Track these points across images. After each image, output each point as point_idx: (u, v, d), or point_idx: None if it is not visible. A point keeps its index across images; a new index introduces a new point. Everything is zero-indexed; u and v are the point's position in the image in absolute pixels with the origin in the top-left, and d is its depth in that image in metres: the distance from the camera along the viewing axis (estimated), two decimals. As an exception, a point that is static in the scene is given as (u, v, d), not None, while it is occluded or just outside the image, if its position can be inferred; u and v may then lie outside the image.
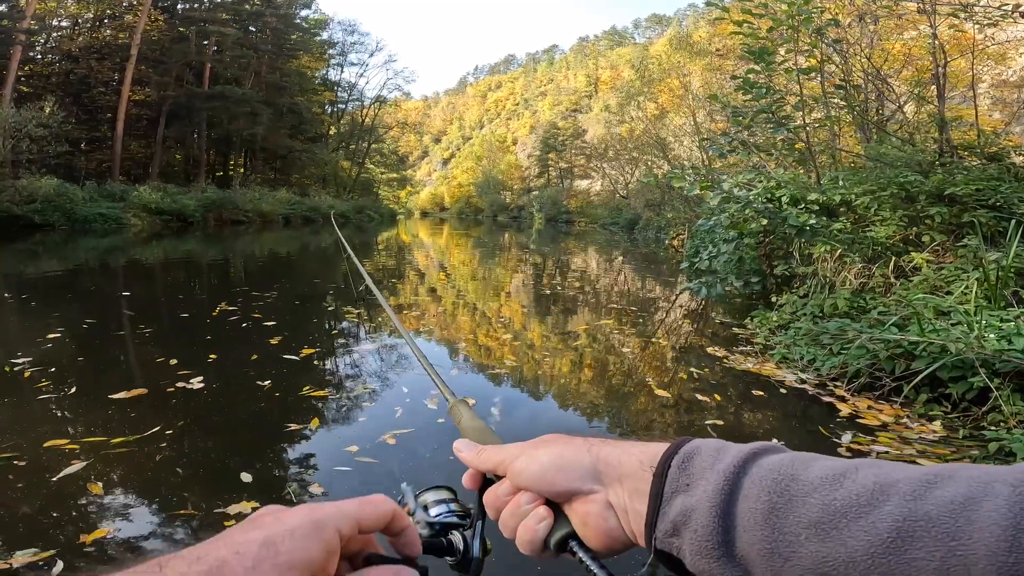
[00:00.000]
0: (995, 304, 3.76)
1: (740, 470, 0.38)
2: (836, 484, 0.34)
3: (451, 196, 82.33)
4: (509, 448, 0.48)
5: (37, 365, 3.78)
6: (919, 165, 5.55)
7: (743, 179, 5.73)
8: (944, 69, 5.85)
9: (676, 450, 0.41)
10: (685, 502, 0.39)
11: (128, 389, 3.34)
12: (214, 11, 32.51)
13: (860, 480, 0.33)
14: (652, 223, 23.19)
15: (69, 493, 2.24)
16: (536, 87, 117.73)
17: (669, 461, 0.41)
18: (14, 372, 3.64)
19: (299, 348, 4.45)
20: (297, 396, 3.46)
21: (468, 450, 0.51)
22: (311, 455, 2.73)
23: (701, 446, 0.41)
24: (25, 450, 2.55)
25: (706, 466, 0.39)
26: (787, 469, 0.36)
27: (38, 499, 2.20)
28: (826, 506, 0.33)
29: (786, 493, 0.35)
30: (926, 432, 2.96)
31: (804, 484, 0.35)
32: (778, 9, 5.36)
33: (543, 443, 0.47)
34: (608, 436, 1.89)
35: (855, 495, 0.33)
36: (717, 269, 5.97)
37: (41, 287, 7.55)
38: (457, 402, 0.60)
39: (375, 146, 48.20)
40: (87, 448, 2.59)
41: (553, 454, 0.45)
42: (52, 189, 18.33)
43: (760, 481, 0.36)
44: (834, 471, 0.35)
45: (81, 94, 26.81)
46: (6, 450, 2.54)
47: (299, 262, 12.98)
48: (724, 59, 15.95)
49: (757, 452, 0.39)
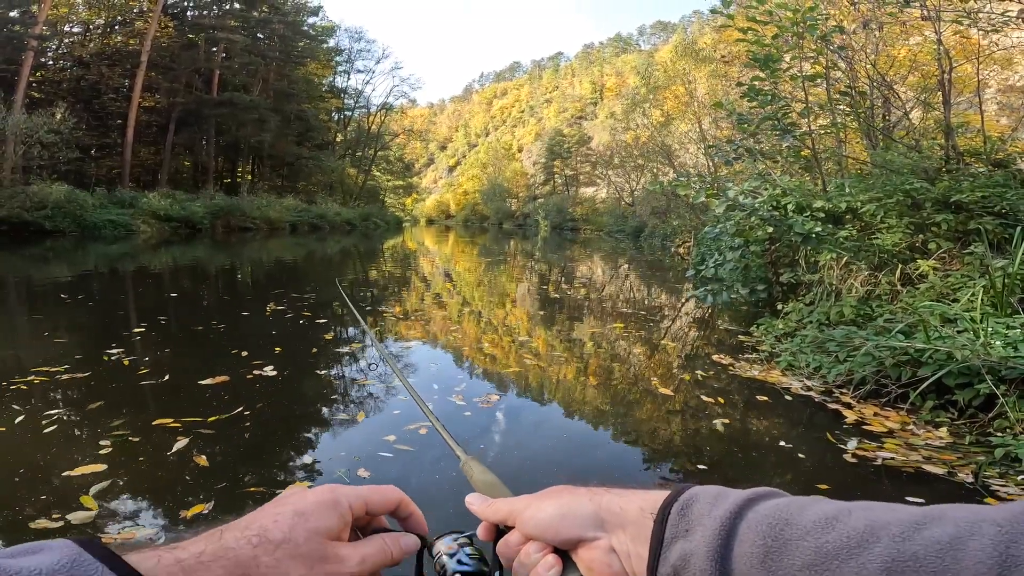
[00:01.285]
0: (1001, 311, 3.75)
1: (737, 516, 0.39)
2: (828, 527, 0.35)
3: (457, 203, 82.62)
4: (518, 500, 0.51)
5: (131, 355, 4.29)
6: (925, 172, 5.55)
7: (749, 187, 5.74)
8: (949, 75, 5.84)
9: (676, 497, 0.43)
10: (684, 547, 0.40)
11: (213, 376, 3.77)
12: (223, 18, 32.86)
13: (852, 523, 0.35)
14: (658, 230, 23.21)
15: (183, 464, 2.59)
16: (541, 94, 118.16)
17: (669, 508, 0.43)
18: (113, 360, 4.14)
19: (350, 342, 5.23)
20: (350, 386, 4.00)
21: (479, 503, 0.53)
22: (358, 441, 2.99)
23: (700, 493, 0.43)
24: (138, 428, 2.92)
25: (704, 512, 0.41)
26: (782, 514, 0.38)
27: (161, 469, 2.54)
28: (818, 549, 0.34)
29: (780, 537, 0.36)
30: (932, 438, 2.96)
31: (798, 528, 0.36)
32: (783, 16, 5.38)
33: (549, 494, 0.49)
34: (612, 449, 1.89)
35: (846, 537, 0.34)
36: (723, 277, 5.97)
37: (85, 288, 8.08)
38: (468, 459, 0.61)
39: (381, 153, 48.42)
40: (188, 426, 2.97)
41: (559, 504, 0.47)
42: (62, 195, 18.52)
43: (756, 526, 0.38)
44: (827, 515, 0.36)
45: (92, 100, 27.11)
46: (120, 428, 2.91)
47: (321, 267, 13.21)
48: (729, 66, 15.97)
49: (753, 498, 0.40)
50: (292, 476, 2.60)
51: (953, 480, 2.53)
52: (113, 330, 5.25)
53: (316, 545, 0.42)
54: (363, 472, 2.58)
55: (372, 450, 2.82)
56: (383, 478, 2.54)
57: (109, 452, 2.65)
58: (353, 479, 2.51)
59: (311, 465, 2.70)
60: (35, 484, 2.36)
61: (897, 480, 2.57)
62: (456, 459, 0.61)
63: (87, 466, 2.50)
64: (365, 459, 2.71)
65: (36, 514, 2.12)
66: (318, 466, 2.69)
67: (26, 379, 3.60)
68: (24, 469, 2.48)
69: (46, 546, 0.34)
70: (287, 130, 35.63)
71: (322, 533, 0.43)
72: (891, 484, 2.54)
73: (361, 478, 2.52)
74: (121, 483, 2.39)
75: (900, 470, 2.64)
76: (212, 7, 33.41)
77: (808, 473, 2.69)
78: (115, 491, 2.33)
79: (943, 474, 2.58)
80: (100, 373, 3.84)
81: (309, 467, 2.68)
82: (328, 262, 14.86)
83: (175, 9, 31.78)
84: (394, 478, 2.56)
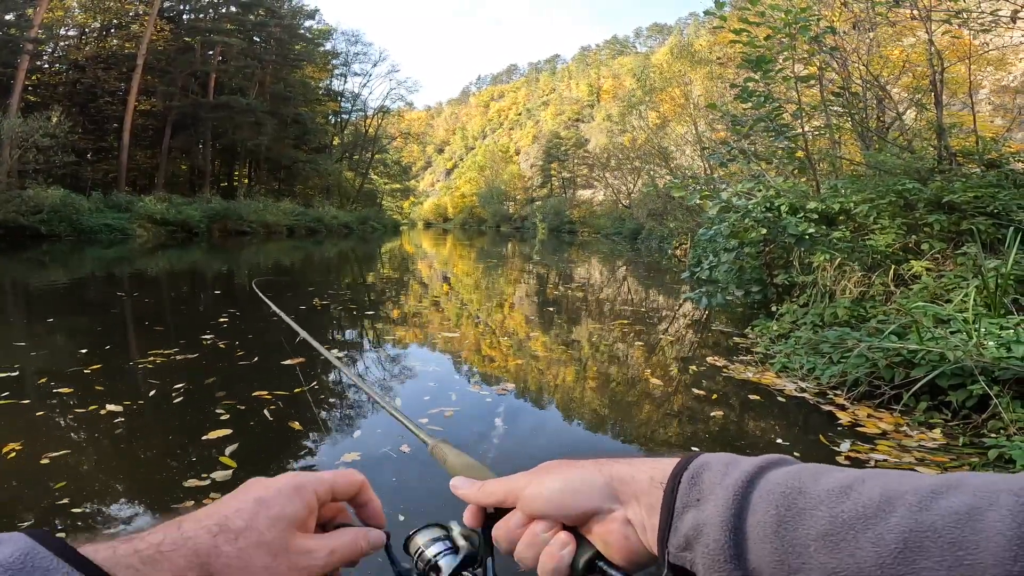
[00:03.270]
0: (994, 312, 3.74)
1: (749, 484, 0.38)
2: (843, 496, 0.34)
3: (454, 206, 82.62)
4: (514, 478, 0.47)
5: (223, 340, 4.97)
6: (918, 172, 5.55)
7: (742, 188, 5.74)
8: (941, 75, 5.85)
9: (686, 465, 0.42)
10: (696, 517, 0.39)
11: (291, 358, 4.34)
12: (219, 21, 32.87)
13: (867, 492, 0.34)
14: (655, 233, 23.22)
15: (281, 427, 3.09)
16: (538, 97, 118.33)
17: (679, 477, 0.41)
18: (213, 344, 4.82)
19: (392, 332, 6.03)
20: (391, 364, 4.72)
21: (468, 486, 0.49)
22: (390, 424, 3.22)
23: (711, 461, 0.41)
24: (241, 399, 3.44)
25: (716, 481, 0.40)
26: (795, 482, 0.37)
27: (270, 431, 3.03)
28: (833, 518, 0.33)
29: (794, 506, 0.35)
30: (926, 440, 2.95)
31: (811, 497, 0.35)
32: (776, 17, 5.38)
33: (548, 469, 0.47)
34: (610, 449, 1.93)
35: (862, 506, 0.33)
36: (718, 278, 5.97)
37: (131, 289, 8.82)
38: (437, 442, 0.57)
39: (378, 156, 48.40)
40: (278, 397, 3.52)
41: (565, 478, 0.45)
42: (58, 199, 18.46)
43: (768, 495, 0.37)
44: (841, 483, 0.35)
45: (87, 104, 27.08)
46: (228, 398, 3.44)
47: (328, 270, 13.48)
48: (725, 68, 16.01)
49: (765, 466, 0.39)
50: (364, 439, 3.03)
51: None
52: (200, 320, 6.01)
53: (279, 533, 0.40)
54: (405, 448, 2.81)
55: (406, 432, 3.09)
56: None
57: (228, 418, 3.13)
58: (398, 453, 2.80)
59: (362, 438, 3.04)
60: (179, 447, 2.80)
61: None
62: (424, 445, 0.58)
63: (217, 431, 2.94)
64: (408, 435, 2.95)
65: (186, 475, 2.46)
66: (377, 433, 3.08)
67: (147, 359, 4.27)
68: (168, 435, 2.97)
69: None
70: (284, 133, 35.60)
71: (286, 520, 0.41)
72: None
73: (403, 452, 2.78)
74: (246, 443, 2.82)
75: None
76: (208, 10, 33.40)
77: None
78: (244, 451, 2.74)
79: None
80: (206, 354, 4.50)
81: (359, 441, 3.01)
82: (329, 265, 14.85)
83: (171, 12, 31.75)
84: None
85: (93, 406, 3.25)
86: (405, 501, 2.31)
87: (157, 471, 2.56)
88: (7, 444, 2.70)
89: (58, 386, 3.59)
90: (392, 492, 2.38)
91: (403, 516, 2.19)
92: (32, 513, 2.17)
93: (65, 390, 3.54)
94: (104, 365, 4.11)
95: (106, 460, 2.67)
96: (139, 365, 4.11)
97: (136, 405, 3.32)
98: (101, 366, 4.08)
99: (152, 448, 2.79)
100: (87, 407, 3.24)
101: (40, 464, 2.54)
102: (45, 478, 2.41)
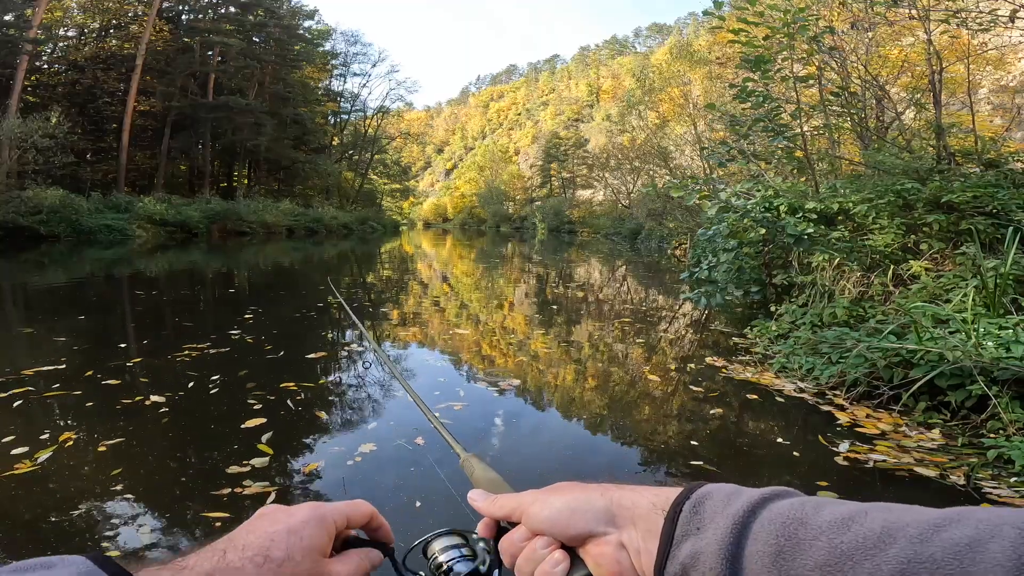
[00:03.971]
0: (993, 312, 3.74)
1: (750, 514, 0.38)
2: (844, 528, 0.34)
3: (454, 207, 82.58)
4: (523, 495, 0.49)
5: (249, 335, 5.23)
6: (916, 172, 5.55)
7: (741, 188, 5.73)
8: (940, 75, 5.85)
9: (689, 494, 0.42)
10: (695, 545, 0.39)
11: (316, 352, 4.74)
12: (218, 22, 32.84)
13: (868, 523, 0.34)
14: (654, 233, 23.22)
15: (309, 416, 3.34)
16: (538, 97, 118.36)
17: (681, 505, 0.41)
18: (241, 338, 5.09)
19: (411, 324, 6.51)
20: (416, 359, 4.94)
21: (482, 499, 0.52)
22: (407, 411, 3.46)
23: (713, 491, 0.42)
24: (269, 389, 3.68)
25: (717, 510, 0.40)
26: (797, 513, 0.37)
27: (300, 420, 3.27)
28: (832, 549, 0.33)
29: (794, 537, 0.35)
30: (925, 440, 2.94)
31: (812, 528, 0.35)
32: (774, 17, 5.38)
33: (557, 489, 0.48)
34: (610, 447, 1.97)
35: (862, 538, 0.33)
36: (717, 279, 5.96)
37: (148, 287, 9.14)
38: (468, 456, 0.61)
39: (378, 156, 48.36)
40: (305, 388, 3.79)
41: (568, 499, 0.46)
42: (57, 200, 18.45)
43: (769, 525, 0.37)
44: (843, 515, 0.35)
45: (87, 104, 27.06)
46: (258, 389, 3.68)
47: (331, 271, 13.46)
48: (724, 67, 16.01)
49: (769, 497, 0.39)
50: (380, 430, 3.18)
51: (945, 482, 2.52)
52: (226, 317, 6.37)
53: (311, 563, 0.44)
54: (420, 440, 2.94)
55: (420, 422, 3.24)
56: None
57: (261, 408, 3.33)
58: (412, 445, 2.94)
59: (377, 429, 3.19)
60: (220, 436, 3.00)
61: (889, 483, 2.55)
62: (456, 457, 0.63)
63: (252, 419, 3.14)
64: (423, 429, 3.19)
65: (228, 462, 2.63)
66: (391, 425, 3.24)
67: (182, 353, 4.50)
68: (209, 423, 3.15)
69: (59, 561, 0.35)
70: (283, 134, 35.57)
71: (315, 550, 0.45)
72: (883, 487, 2.52)
73: (418, 445, 2.92)
74: (279, 431, 3.02)
75: (892, 472, 2.63)
76: (207, 11, 33.38)
77: (800, 476, 2.68)
78: (279, 438, 2.93)
79: (935, 476, 2.56)
80: (236, 348, 4.76)
81: (375, 431, 3.16)
82: (332, 265, 14.84)
83: (170, 13, 31.74)
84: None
85: (139, 397, 3.50)
86: (419, 492, 2.41)
87: (201, 459, 2.74)
88: (64, 433, 2.89)
89: (105, 378, 3.84)
90: (406, 481, 2.50)
91: (419, 503, 2.32)
92: (90, 500, 2.29)
93: (113, 382, 3.79)
94: (144, 359, 4.42)
95: (155, 448, 2.83)
96: (176, 358, 4.36)
97: (177, 396, 3.53)
98: (141, 359, 4.40)
99: (196, 438, 2.99)
100: (133, 398, 3.48)
101: (98, 451, 2.72)
102: (104, 465, 2.58)
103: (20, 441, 2.78)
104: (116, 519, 2.18)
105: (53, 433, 2.89)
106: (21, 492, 2.32)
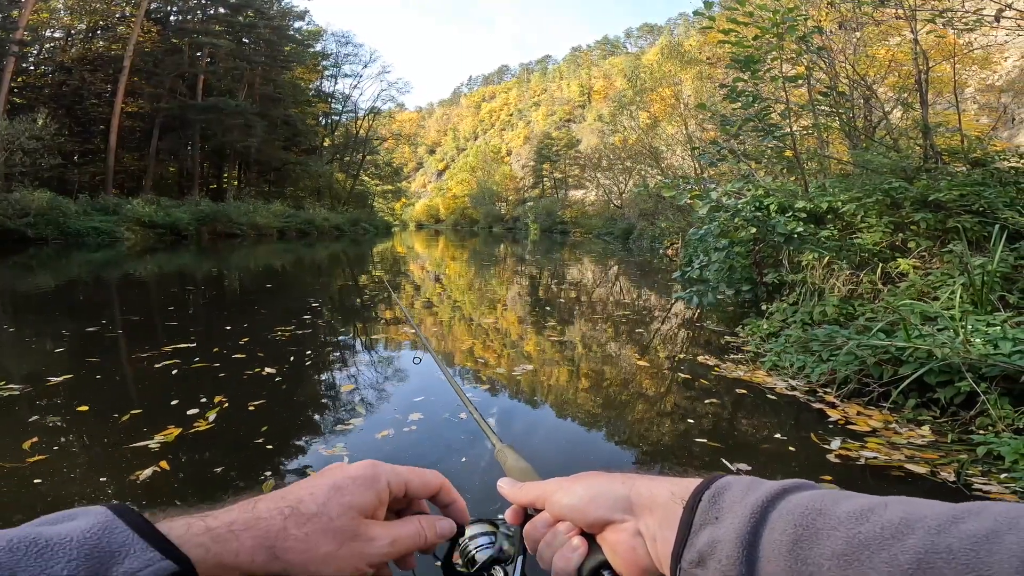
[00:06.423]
0: (981, 309, 3.78)
1: (769, 504, 0.39)
2: (863, 519, 0.34)
3: (446, 207, 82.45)
4: (548, 483, 0.51)
5: (320, 320, 6.21)
6: (904, 171, 5.59)
7: (732, 188, 5.76)
8: (926, 74, 5.90)
9: (708, 485, 0.43)
10: (713, 534, 0.39)
11: (380, 333, 5.88)
12: (207, 23, 32.63)
13: (887, 515, 0.34)
14: (646, 232, 23.28)
15: (379, 387, 3.99)
16: (530, 97, 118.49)
17: (701, 494, 0.42)
18: (314, 322, 5.98)
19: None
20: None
21: (509, 486, 0.54)
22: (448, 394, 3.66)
23: (733, 482, 0.42)
24: (348, 364, 4.57)
25: (736, 500, 0.40)
26: (815, 504, 0.37)
27: (376, 389, 3.91)
28: (850, 539, 0.34)
29: (812, 527, 0.36)
30: (915, 437, 2.96)
31: (831, 518, 0.35)
32: (764, 17, 5.41)
33: (581, 478, 0.49)
34: (605, 447, 1.99)
35: (880, 528, 0.33)
36: (708, 278, 5.99)
37: (194, 290, 9.37)
38: (504, 447, 0.63)
39: (370, 158, 48.19)
40: (372, 363, 4.68)
41: (589, 486, 0.47)
42: (45, 202, 18.26)
43: (787, 515, 0.37)
44: (863, 506, 0.35)
45: (74, 106, 26.82)
46: (339, 363, 4.58)
47: (323, 271, 13.18)
48: (715, 67, 16.09)
49: (787, 488, 0.40)
50: (425, 404, 3.51)
51: (935, 479, 2.54)
52: (293, 307, 7.06)
53: (348, 521, 0.42)
54: (463, 415, 3.20)
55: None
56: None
57: (345, 376, 4.18)
58: (456, 419, 3.26)
59: (423, 403, 3.52)
60: (325, 399, 3.65)
61: (880, 479, 2.57)
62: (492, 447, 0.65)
63: (346, 386, 3.83)
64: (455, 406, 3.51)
65: (335, 422, 3.26)
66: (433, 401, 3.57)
67: (276, 334, 5.27)
68: (316, 387, 3.87)
69: (81, 512, 0.35)
70: (274, 135, 35.38)
71: (356, 508, 0.42)
72: (874, 483, 2.54)
73: (461, 419, 3.20)
74: (364, 397, 3.68)
75: (883, 469, 2.64)
76: (196, 12, 33.15)
77: (793, 473, 2.69)
78: (365, 403, 3.58)
79: (926, 473, 2.58)
80: (317, 330, 5.61)
81: (421, 404, 3.51)
82: (325, 267, 14.78)
83: (158, 14, 31.49)
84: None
85: (257, 368, 4.18)
86: (456, 466, 2.68)
87: (317, 418, 3.36)
88: (216, 396, 3.53)
89: (232, 353, 4.58)
90: (445, 454, 2.83)
91: (464, 458, 2.71)
92: (245, 455, 2.79)
93: (239, 356, 4.51)
94: (251, 338, 5.13)
95: (284, 409, 3.41)
96: (275, 338, 5.14)
97: (284, 368, 4.22)
98: (249, 339, 5.11)
99: (307, 401, 3.62)
100: (253, 370, 4.15)
101: (248, 411, 3.32)
102: (255, 423, 3.13)
103: (187, 404, 3.38)
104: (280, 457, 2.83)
105: (209, 396, 3.53)
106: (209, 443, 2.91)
